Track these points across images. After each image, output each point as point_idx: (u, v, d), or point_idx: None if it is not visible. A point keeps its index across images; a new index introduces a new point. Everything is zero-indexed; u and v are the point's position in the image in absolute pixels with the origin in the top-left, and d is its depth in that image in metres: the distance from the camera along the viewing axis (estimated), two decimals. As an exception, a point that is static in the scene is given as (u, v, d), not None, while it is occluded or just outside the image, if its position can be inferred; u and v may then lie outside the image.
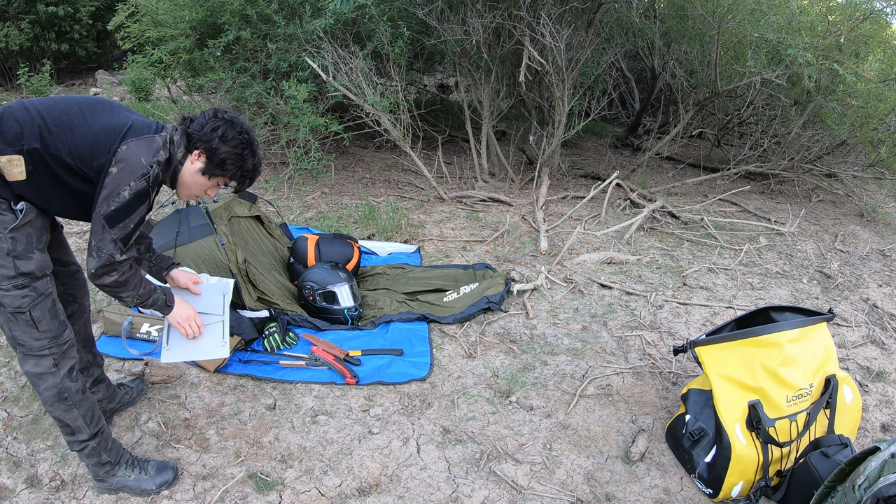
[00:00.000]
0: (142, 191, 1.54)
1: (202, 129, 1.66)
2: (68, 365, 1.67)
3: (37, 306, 1.59)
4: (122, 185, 1.51)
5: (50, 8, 7.39)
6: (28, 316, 1.58)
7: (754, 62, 4.26)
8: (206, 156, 1.66)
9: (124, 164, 1.52)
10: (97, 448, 1.75)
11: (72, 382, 1.67)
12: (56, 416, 1.69)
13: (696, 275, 3.53)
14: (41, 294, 1.59)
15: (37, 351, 1.62)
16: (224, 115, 1.69)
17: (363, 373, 2.42)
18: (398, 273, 3.33)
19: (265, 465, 1.93)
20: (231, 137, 1.66)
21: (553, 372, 2.52)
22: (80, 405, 1.69)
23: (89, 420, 1.71)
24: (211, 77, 4.42)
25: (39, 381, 1.65)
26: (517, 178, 5.08)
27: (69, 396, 1.67)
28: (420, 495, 1.85)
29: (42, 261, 1.60)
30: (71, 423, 1.69)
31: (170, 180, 1.69)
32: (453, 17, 4.35)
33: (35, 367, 1.63)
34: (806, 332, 1.96)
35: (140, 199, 1.55)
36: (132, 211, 1.55)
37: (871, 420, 2.33)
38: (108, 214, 1.52)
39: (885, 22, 4.70)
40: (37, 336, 1.61)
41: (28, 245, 1.56)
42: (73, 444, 1.74)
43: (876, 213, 4.97)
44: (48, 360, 1.63)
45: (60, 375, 1.65)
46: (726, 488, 1.85)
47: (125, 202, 1.52)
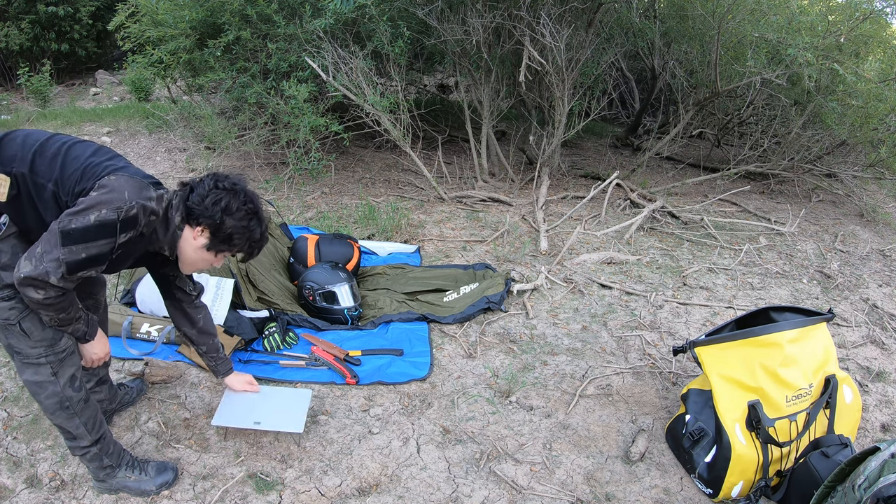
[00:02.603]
0: (109, 223, 1.38)
1: (202, 203, 1.53)
2: (68, 373, 1.63)
3: (26, 318, 1.53)
4: (93, 211, 1.37)
5: (50, 8, 7.39)
6: (18, 328, 1.53)
7: (754, 62, 4.26)
8: (210, 232, 1.55)
9: (106, 191, 1.40)
10: (98, 454, 1.74)
11: (74, 392, 1.64)
12: (57, 423, 1.67)
13: (696, 275, 3.53)
14: (28, 306, 1.52)
15: (34, 359, 1.57)
16: (225, 184, 1.56)
17: (363, 373, 2.42)
18: (398, 273, 3.33)
19: (265, 465, 1.93)
20: (236, 209, 1.54)
21: (553, 372, 2.52)
22: (82, 413, 1.67)
23: (91, 427, 1.70)
24: (211, 77, 4.42)
25: (40, 390, 1.61)
26: (517, 178, 5.08)
27: (71, 405, 1.64)
28: (420, 495, 1.85)
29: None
30: (73, 431, 1.68)
31: (168, 246, 1.58)
32: (453, 16, 4.35)
33: (34, 376, 1.59)
34: (806, 332, 1.96)
35: (104, 231, 1.39)
36: (90, 239, 1.38)
37: (871, 420, 2.33)
38: (66, 230, 1.37)
39: (885, 22, 4.70)
40: (31, 344, 1.56)
41: (13, 256, 1.48)
42: (75, 450, 1.73)
43: (876, 213, 4.97)
44: (46, 369, 1.59)
45: (61, 384, 1.61)
46: (726, 488, 1.85)
47: (87, 226, 1.37)
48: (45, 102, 6.80)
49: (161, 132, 5.68)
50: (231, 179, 1.58)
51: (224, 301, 2.56)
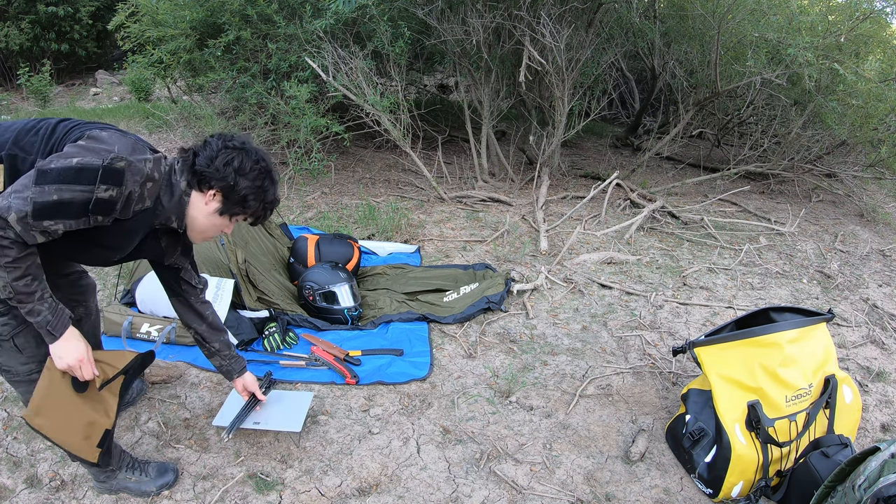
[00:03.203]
0: (91, 167, 1.26)
1: (212, 164, 1.42)
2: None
3: (19, 334, 1.47)
4: (77, 155, 1.27)
5: (50, 8, 7.40)
6: (11, 343, 1.47)
7: (754, 62, 4.26)
8: (223, 194, 1.45)
9: (94, 141, 1.31)
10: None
11: None
12: None
13: (696, 275, 3.53)
14: (22, 322, 1.46)
15: (24, 376, 1.52)
16: (234, 143, 1.46)
17: (363, 373, 2.42)
18: (398, 273, 3.33)
19: (265, 465, 1.93)
20: (249, 169, 1.44)
21: (553, 372, 2.52)
22: None
23: None
24: (211, 77, 4.42)
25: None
26: (517, 178, 5.08)
27: None
28: (420, 495, 1.85)
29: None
30: None
31: (176, 215, 1.47)
32: (453, 17, 4.35)
33: (25, 395, 1.54)
34: (805, 332, 1.96)
35: (82, 175, 1.26)
36: (66, 181, 1.25)
37: (871, 420, 2.33)
38: (44, 168, 1.25)
39: (885, 22, 4.70)
40: (23, 361, 1.50)
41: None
42: (74, 458, 1.70)
43: (876, 213, 4.97)
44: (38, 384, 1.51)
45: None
46: (726, 488, 1.85)
47: (68, 167, 1.25)
48: (45, 102, 6.80)
49: (161, 132, 5.68)
50: (240, 138, 1.49)
51: (224, 301, 2.56)
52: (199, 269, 1.83)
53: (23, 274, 1.30)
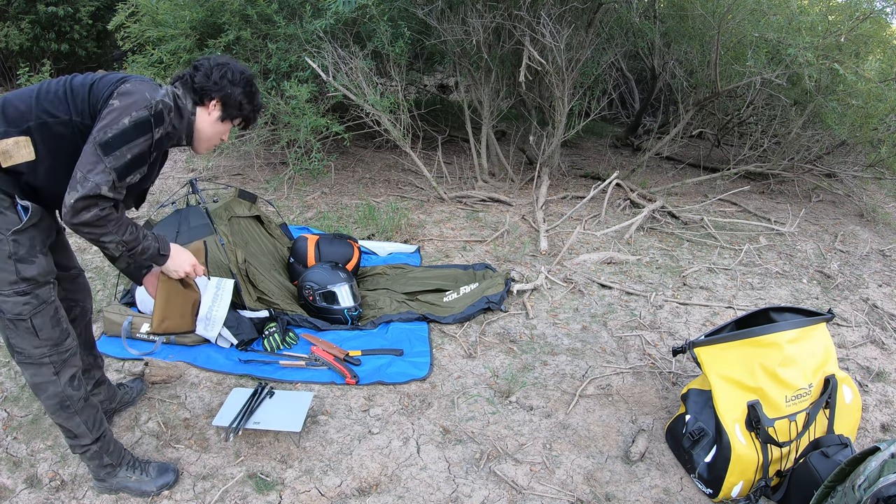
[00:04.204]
0: (143, 120, 1.43)
1: (209, 79, 1.63)
2: (69, 373, 1.63)
3: (38, 314, 1.53)
4: (124, 115, 1.41)
5: (50, 8, 7.39)
6: (29, 324, 1.52)
7: (754, 62, 4.26)
8: (223, 102, 1.66)
9: (127, 96, 1.43)
10: (99, 452, 1.74)
11: (74, 391, 1.64)
12: (58, 422, 1.67)
13: (696, 275, 3.53)
14: (43, 302, 1.53)
15: (36, 359, 1.57)
16: (221, 60, 1.68)
17: (363, 373, 2.42)
18: (398, 273, 3.33)
19: (265, 465, 1.93)
20: (239, 78, 1.67)
21: (553, 372, 2.52)
22: (83, 412, 1.67)
23: (91, 426, 1.70)
24: (211, 77, 4.42)
25: (40, 391, 1.61)
26: (517, 178, 5.08)
27: (71, 405, 1.64)
28: (420, 495, 1.85)
29: (46, 266, 1.54)
30: (73, 430, 1.68)
31: (185, 134, 1.65)
32: (453, 17, 4.35)
33: (34, 377, 1.59)
34: (805, 332, 1.96)
35: (141, 130, 1.43)
36: (131, 139, 1.42)
37: (871, 420, 2.33)
38: (104, 141, 1.39)
39: (885, 22, 4.70)
40: (37, 344, 1.55)
41: (31, 248, 1.50)
42: (75, 448, 1.73)
43: (876, 213, 4.97)
44: (48, 369, 1.58)
45: (62, 384, 1.61)
46: (726, 488, 1.85)
47: (124, 129, 1.41)
48: (45, 102, 6.78)
49: (161, 132, 5.68)
50: (222, 56, 1.72)
51: (224, 301, 2.56)
52: None
53: (125, 227, 1.49)
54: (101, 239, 1.47)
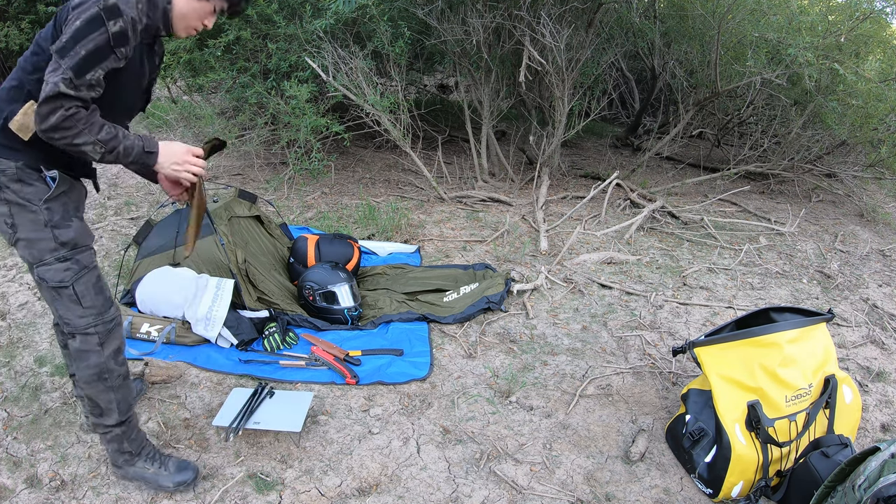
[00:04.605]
0: (93, 16, 1.38)
1: None
2: (114, 345, 1.63)
3: (80, 280, 1.54)
4: (75, 20, 1.40)
5: (50, 8, 7.39)
6: (71, 290, 1.53)
7: (754, 62, 4.26)
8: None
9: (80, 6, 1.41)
10: (121, 436, 1.72)
11: (116, 365, 1.64)
12: (88, 394, 1.65)
13: (696, 275, 3.53)
14: (84, 267, 1.55)
15: (81, 329, 1.57)
16: None
17: (363, 373, 2.42)
18: (398, 273, 3.33)
19: (265, 465, 1.93)
20: None
21: (553, 372, 2.52)
22: (119, 390, 1.66)
23: (123, 407, 1.69)
24: (211, 77, 4.42)
25: (81, 359, 1.61)
26: (517, 178, 5.08)
27: (109, 378, 1.63)
28: (420, 495, 1.85)
29: (82, 229, 1.57)
30: (102, 405, 1.66)
31: (162, 24, 1.56)
32: (453, 17, 4.35)
33: (81, 345, 1.60)
34: (805, 332, 1.96)
35: (91, 26, 1.39)
36: (82, 37, 1.38)
37: (871, 420, 2.33)
38: (59, 48, 1.38)
39: (885, 22, 4.70)
40: (80, 313, 1.56)
41: (65, 213, 1.53)
42: (97, 427, 1.71)
43: (876, 213, 4.97)
44: (93, 339, 1.59)
45: (105, 355, 1.61)
46: (726, 488, 1.85)
47: (75, 29, 1.38)
48: (45, 102, 6.79)
49: (161, 132, 5.68)
50: None
51: (224, 301, 2.56)
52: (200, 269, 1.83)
53: (99, 126, 1.43)
54: (75, 142, 1.41)
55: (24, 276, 3.13)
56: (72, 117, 1.38)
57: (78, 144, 1.42)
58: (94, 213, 4.00)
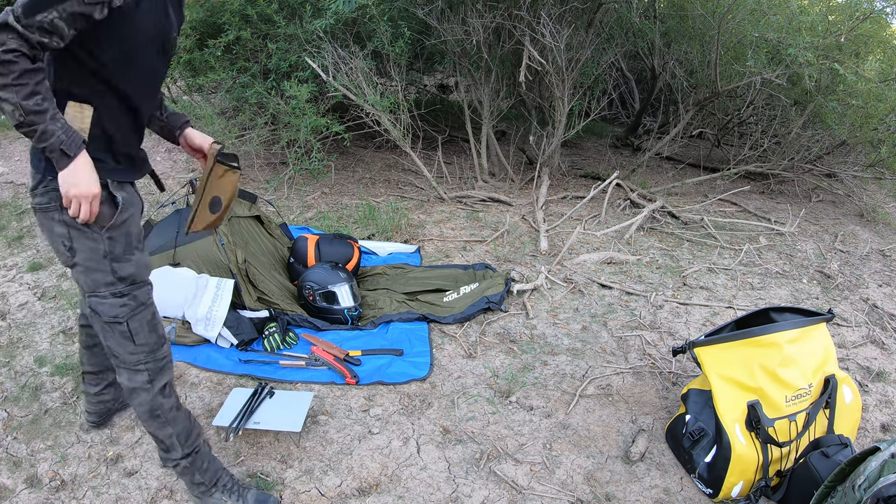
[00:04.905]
0: None
1: None
2: (163, 381, 1.56)
3: (135, 317, 1.46)
4: None
5: (50, 8, 7.40)
6: (125, 327, 1.45)
7: (754, 62, 4.26)
8: None
9: None
10: (190, 468, 1.68)
11: (164, 399, 1.58)
12: (150, 431, 1.62)
13: (696, 275, 3.53)
14: (141, 304, 1.46)
15: (131, 365, 1.50)
16: None
17: (363, 373, 2.42)
18: (398, 273, 3.33)
19: (265, 465, 1.93)
20: None
21: (553, 372, 2.52)
22: (174, 423, 1.61)
23: (183, 439, 1.64)
24: (211, 77, 4.42)
25: (132, 396, 1.55)
26: (517, 178, 5.08)
27: (162, 413, 1.58)
28: (420, 495, 1.85)
29: (142, 263, 1.48)
30: (165, 441, 1.62)
31: None
32: (453, 17, 4.35)
33: (129, 382, 1.53)
34: (805, 332, 1.96)
35: None
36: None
37: (871, 420, 2.33)
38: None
39: (885, 22, 4.70)
40: (132, 350, 1.48)
41: (127, 245, 1.43)
42: (166, 461, 1.68)
43: (876, 213, 4.97)
44: (143, 376, 1.52)
45: (154, 392, 1.54)
46: (726, 488, 1.85)
47: None
48: (45, 102, 6.79)
49: (161, 132, 5.68)
50: None
51: (224, 301, 2.56)
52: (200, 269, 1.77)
53: (31, 91, 1.23)
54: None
55: (24, 276, 3.13)
56: (5, 63, 1.18)
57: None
58: (94, 213, 4.00)
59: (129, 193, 1.49)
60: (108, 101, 1.40)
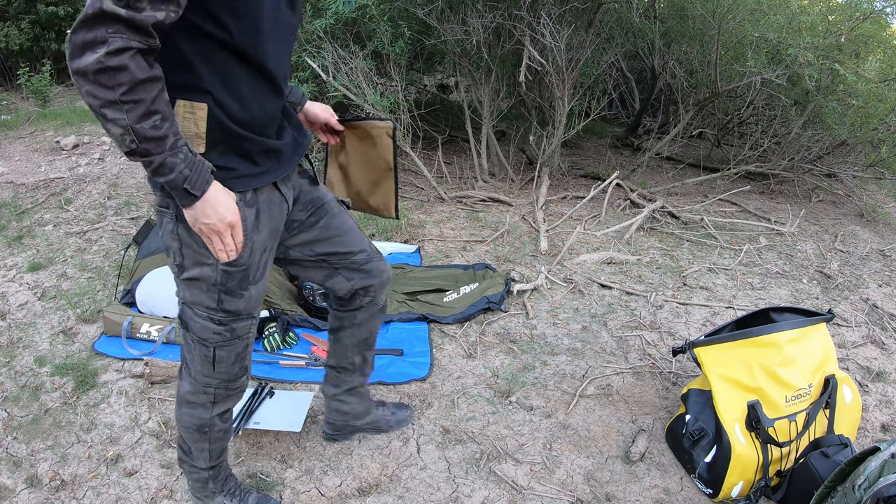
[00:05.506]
0: None
1: None
2: (226, 407, 1.47)
3: (224, 347, 1.31)
4: None
5: (50, 8, 7.39)
6: (210, 352, 1.31)
7: (754, 62, 4.26)
8: None
9: None
10: (207, 479, 1.64)
11: (220, 422, 1.50)
12: (185, 436, 1.53)
13: (696, 275, 3.53)
14: (236, 337, 1.31)
15: (200, 384, 1.39)
16: None
17: (363, 373, 2.42)
18: (398, 273, 3.33)
19: (265, 465, 1.93)
20: None
21: (553, 372, 2.52)
22: (216, 442, 1.54)
23: (215, 455, 1.59)
24: (211, 77, 4.42)
25: (185, 405, 1.45)
26: (517, 178, 5.08)
27: (209, 433, 1.50)
28: (420, 495, 1.85)
29: (255, 298, 1.29)
30: (194, 451, 1.55)
31: None
32: (453, 17, 4.35)
33: (190, 395, 1.42)
34: (805, 332, 1.96)
35: None
36: None
37: (871, 420, 2.33)
38: None
39: (885, 22, 4.70)
40: (207, 373, 1.35)
41: (244, 279, 1.23)
42: (183, 464, 1.62)
43: (876, 213, 4.97)
44: (207, 397, 1.41)
45: (212, 413, 1.45)
46: (726, 488, 1.85)
47: None
48: (45, 102, 6.80)
49: (161, 132, 5.68)
50: None
51: (224, 301, 2.56)
52: None
53: (148, 111, 0.93)
54: (101, 111, 0.92)
55: (24, 276, 3.13)
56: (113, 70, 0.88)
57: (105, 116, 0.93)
58: (94, 213, 4.00)
59: (266, 202, 1.21)
60: (242, 80, 1.09)
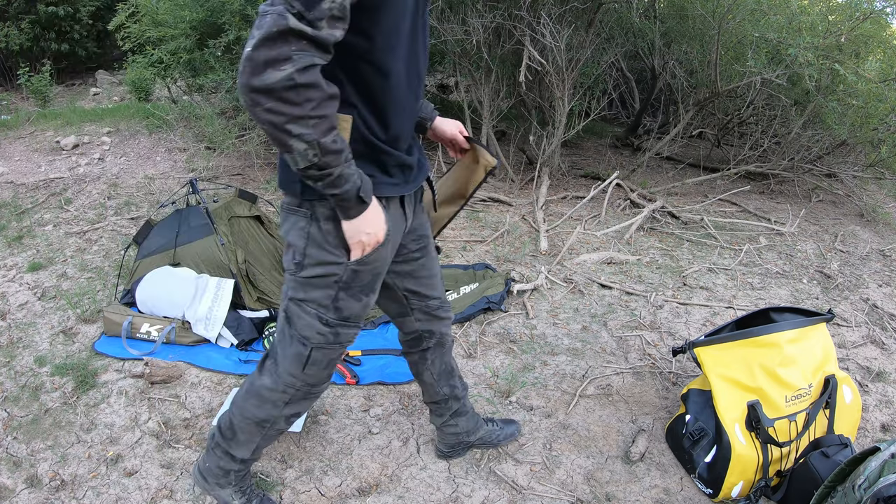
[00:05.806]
0: None
1: None
2: (297, 409, 1.46)
3: (322, 349, 1.30)
4: None
5: (50, 8, 7.40)
6: (305, 352, 1.30)
7: (754, 62, 4.26)
8: None
9: None
10: (232, 470, 1.61)
11: (283, 424, 1.49)
12: (236, 423, 1.48)
13: (696, 275, 3.53)
14: (338, 342, 1.31)
15: (282, 382, 1.37)
16: None
17: (363, 373, 2.42)
18: (398, 273, 3.33)
19: (265, 465, 1.93)
20: None
21: (553, 372, 2.52)
22: (267, 440, 1.54)
23: (259, 451, 1.59)
24: (211, 77, 4.42)
25: (252, 398, 1.42)
26: (517, 178, 5.08)
27: (268, 429, 1.48)
28: (420, 495, 1.85)
29: (367, 307, 1.30)
30: (242, 441, 1.51)
31: None
32: (453, 16, 4.35)
33: (266, 391, 1.39)
34: (805, 332, 1.96)
35: None
36: None
37: (871, 420, 2.33)
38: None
39: (885, 22, 4.70)
40: (295, 373, 1.34)
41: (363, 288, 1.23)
42: (216, 448, 1.57)
43: (876, 213, 4.97)
44: (284, 396, 1.40)
45: (280, 412, 1.44)
46: (726, 488, 1.85)
47: None
48: (45, 102, 6.81)
49: (161, 132, 5.68)
50: None
51: (224, 301, 2.56)
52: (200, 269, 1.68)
53: (332, 125, 0.96)
54: (286, 126, 0.92)
55: (24, 276, 3.13)
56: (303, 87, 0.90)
57: (287, 133, 0.93)
58: (94, 213, 4.01)
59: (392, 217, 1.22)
60: (381, 94, 1.10)
